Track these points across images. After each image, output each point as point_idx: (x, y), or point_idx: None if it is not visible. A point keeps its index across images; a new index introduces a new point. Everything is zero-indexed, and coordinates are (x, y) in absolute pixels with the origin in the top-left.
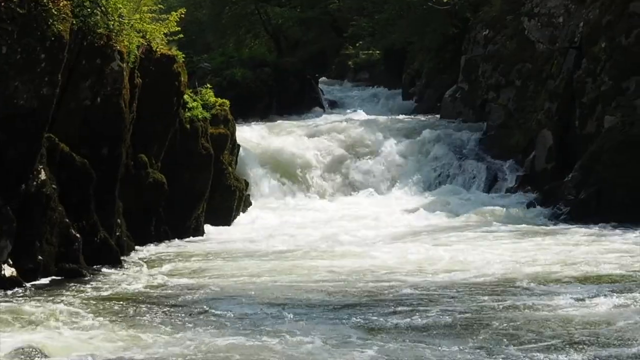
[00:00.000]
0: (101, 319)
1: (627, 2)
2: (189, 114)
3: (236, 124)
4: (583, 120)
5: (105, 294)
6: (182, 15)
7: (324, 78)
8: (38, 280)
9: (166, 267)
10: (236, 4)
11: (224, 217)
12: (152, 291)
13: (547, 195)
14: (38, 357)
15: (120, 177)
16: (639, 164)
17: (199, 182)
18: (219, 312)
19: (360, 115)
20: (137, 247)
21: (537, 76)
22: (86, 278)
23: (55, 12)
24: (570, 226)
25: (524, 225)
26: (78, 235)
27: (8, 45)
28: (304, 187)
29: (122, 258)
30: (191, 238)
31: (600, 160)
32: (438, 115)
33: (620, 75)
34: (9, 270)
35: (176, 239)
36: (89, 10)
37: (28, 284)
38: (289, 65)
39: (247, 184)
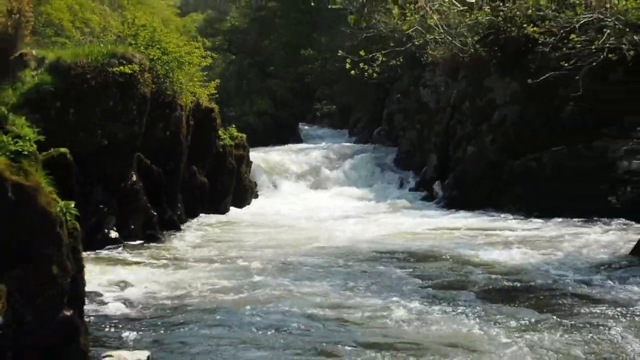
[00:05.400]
0: (167, 263)
1: (482, 79)
2: (221, 142)
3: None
4: (454, 150)
5: (171, 248)
6: (217, 84)
7: (302, 123)
8: (131, 241)
9: (209, 231)
10: (250, 79)
11: (242, 203)
12: (201, 248)
13: (432, 193)
14: (124, 286)
15: (180, 180)
16: (488, 177)
17: (227, 184)
18: (245, 262)
19: (324, 144)
20: (190, 220)
21: (429, 123)
22: (160, 239)
23: (142, 81)
24: (440, 211)
25: (417, 210)
26: (155, 213)
27: (114, 101)
28: (290, 185)
29: (181, 227)
30: (223, 214)
31: (465, 174)
32: (370, 144)
33: (477, 123)
34: (113, 234)
35: (213, 214)
36: (162, 79)
37: (126, 242)
38: (281, 115)
39: (256, 184)
